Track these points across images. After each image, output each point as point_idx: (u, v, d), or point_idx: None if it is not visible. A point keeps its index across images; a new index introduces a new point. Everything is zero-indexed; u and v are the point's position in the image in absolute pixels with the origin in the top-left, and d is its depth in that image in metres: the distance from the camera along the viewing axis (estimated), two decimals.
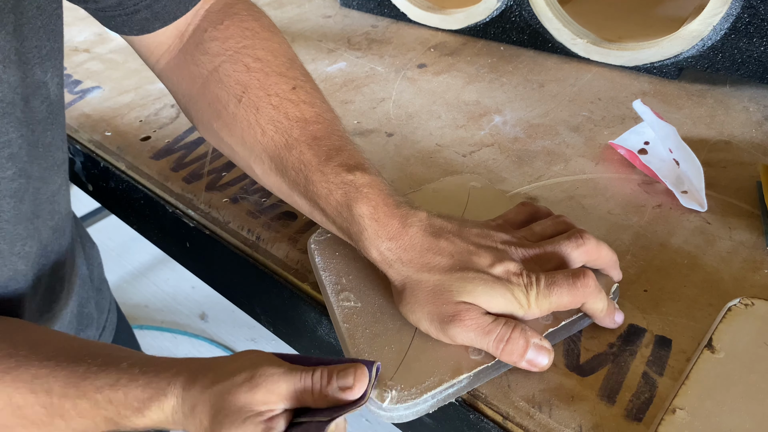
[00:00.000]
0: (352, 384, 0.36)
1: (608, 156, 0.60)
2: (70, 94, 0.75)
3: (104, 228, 2.04)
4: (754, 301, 0.43)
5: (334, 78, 0.75)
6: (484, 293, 0.40)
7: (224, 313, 1.76)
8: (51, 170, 0.47)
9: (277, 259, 0.53)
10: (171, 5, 0.49)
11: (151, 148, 0.65)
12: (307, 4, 0.94)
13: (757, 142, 0.60)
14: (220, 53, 0.49)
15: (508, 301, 0.40)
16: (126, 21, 0.49)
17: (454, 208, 0.52)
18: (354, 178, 0.43)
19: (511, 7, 0.76)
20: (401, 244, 0.42)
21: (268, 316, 0.58)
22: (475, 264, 0.41)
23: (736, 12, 0.62)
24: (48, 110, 0.45)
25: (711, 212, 0.53)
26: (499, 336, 0.40)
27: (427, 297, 0.41)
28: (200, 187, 0.59)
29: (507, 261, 0.41)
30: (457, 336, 0.40)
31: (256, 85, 0.47)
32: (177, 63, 0.51)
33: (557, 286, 0.41)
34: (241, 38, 0.49)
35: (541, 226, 0.46)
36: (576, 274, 0.41)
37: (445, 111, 0.68)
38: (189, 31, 0.51)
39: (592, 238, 0.44)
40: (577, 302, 0.41)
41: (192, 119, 0.53)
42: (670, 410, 0.37)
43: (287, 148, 0.46)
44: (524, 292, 0.40)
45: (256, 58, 0.48)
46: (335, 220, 0.45)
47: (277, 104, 0.47)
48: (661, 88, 0.70)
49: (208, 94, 0.49)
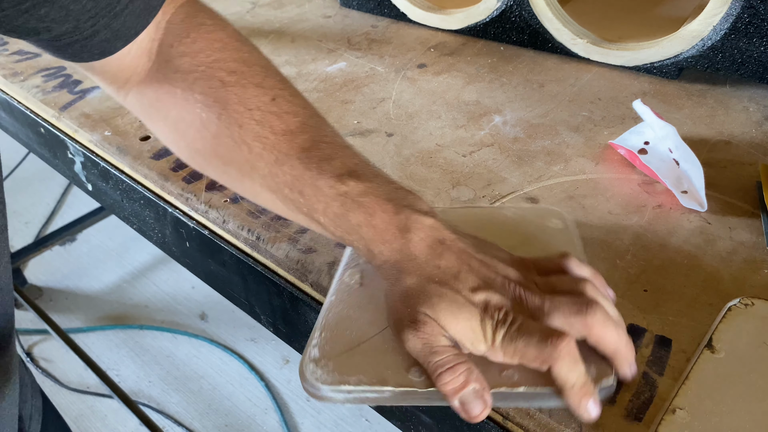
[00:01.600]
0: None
1: (608, 156, 0.60)
2: (70, 94, 0.75)
3: (104, 228, 2.04)
4: (754, 301, 0.43)
5: (334, 78, 0.75)
6: (448, 312, 0.38)
7: (224, 313, 1.76)
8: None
9: (277, 259, 0.53)
10: (130, 20, 0.44)
11: (151, 148, 0.65)
12: (307, 4, 0.94)
13: (757, 142, 0.60)
14: (191, 70, 0.46)
15: (472, 329, 0.38)
16: (85, 45, 0.44)
17: (511, 241, 0.48)
18: (348, 188, 0.42)
19: (511, 7, 0.76)
20: (393, 247, 0.41)
21: (268, 316, 0.58)
22: (455, 283, 0.39)
23: (736, 12, 0.62)
24: None
25: (711, 212, 0.53)
26: (442, 361, 0.37)
27: (398, 296, 0.40)
28: (200, 187, 0.59)
29: (493, 292, 0.39)
30: (407, 341, 0.39)
31: (234, 100, 0.45)
32: (147, 84, 0.48)
33: (527, 334, 0.37)
34: (211, 51, 0.46)
35: (558, 280, 0.41)
36: (551, 332, 0.37)
37: (445, 111, 0.68)
38: (155, 48, 0.48)
39: (604, 314, 0.38)
40: (542, 361, 0.37)
41: (171, 144, 0.50)
42: (670, 410, 0.37)
43: (277, 164, 0.44)
44: (493, 327, 0.38)
45: (230, 71, 0.46)
46: (334, 232, 0.44)
47: (260, 119, 0.45)
48: (661, 88, 0.70)
49: (185, 114, 0.47)
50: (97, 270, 1.92)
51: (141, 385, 1.60)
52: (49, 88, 0.76)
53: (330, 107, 0.70)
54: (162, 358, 1.67)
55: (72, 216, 2.01)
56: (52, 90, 0.76)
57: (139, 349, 1.69)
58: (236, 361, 1.65)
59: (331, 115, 0.69)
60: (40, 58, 0.83)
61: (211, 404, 1.55)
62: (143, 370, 1.64)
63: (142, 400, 1.56)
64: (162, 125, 0.50)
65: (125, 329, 1.74)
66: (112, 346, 1.70)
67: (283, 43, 0.84)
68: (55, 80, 0.78)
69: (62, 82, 0.78)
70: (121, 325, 1.75)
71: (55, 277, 1.90)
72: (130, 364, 1.66)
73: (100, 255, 1.98)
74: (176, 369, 1.64)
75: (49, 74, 0.79)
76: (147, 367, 1.65)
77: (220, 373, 1.63)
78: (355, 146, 0.49)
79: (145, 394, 1.58)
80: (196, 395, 1.58)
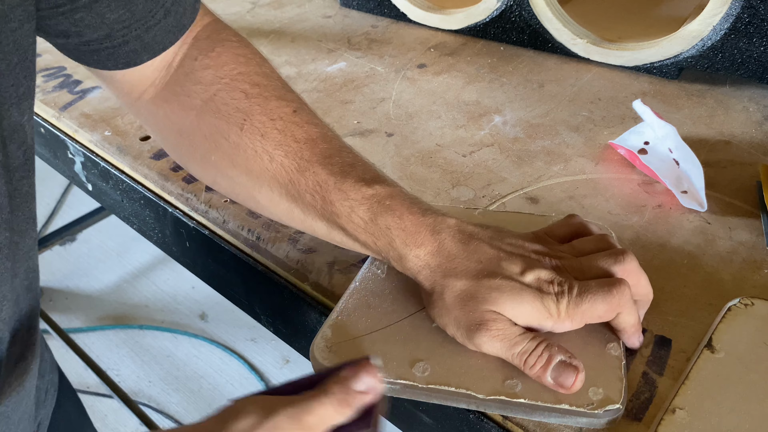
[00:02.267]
0: (370, 385, 0.34)
1: (608, 156, 0.60)
2: (70, 94, 0.75)
3: (104, 228, 2.04)
4: (754, 301, 0.43)
5: (334, 78, 0.75)
6: (512, 301, 0.39)
7: (224, 313, 1.76)
8: (27, 223, 0.43)
9: (277, 259, 0.53)
10: (161, 34, 0.46)
11: (151, 148, 0.65)
12: (307, 4, 0.94)
13: (757, 142, 0.60)
14: (214, 82, 0.47)
15: (537, 310, 0.39)
16: (111, 54, 0.45)
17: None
18: (374, 191, 0.42)
19: (511, 7, 0.76)
20: (429, 250, 0.41)
21: (268, 316, 0.58)
22: (504, 270, 0.40)
23: (736, 12, 0.62)
24: (24, 156, 0.41)
25: (711, 212, 0.53)
26: (524, 349, 0.38)
27: (454, 302, 0.40)
28: (200, 187, 0.59)
29: (538, 269, 0.40)
30: (483, 345, 0.39)
31: (257, 110, 0.46)
32: (164, 96, 0.49)
33: (591, 293, 0.39)
34: (236, 65, 0.47)
35: (581, 243, 0.44)
36: (612, 282, 0.39)
37: (445, 111, 0.68)
38: (176, 61, 0.48)
39: (636, 260, 0.41)
40: (611, 312, 0.39)
41: (182, 156, 0.51)
42: (670, 410, 0.37)
43: (300, 171, 0.45)
44: (555, 300, 0.39)
45: (253, 83, 0.47)
46: (358, 238, 0.44)
47: (282, 128, 0.45)
48: (661, 88, 0.70)
49: (204, 125, 0.47)
50: (97, 270, 1.92)
51: (141, 385, 1.60)
52: (49, 88, 0.76)
53: (330, 107, 0.70)
54: (162, 358, 1.67)
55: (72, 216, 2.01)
56: (52, 90, 0.76)
57: (139, 349, 1.69)
58: (236, 361, 1.65)
59: (331, 115, 0.69)
60: (40, 58, 0.83)
61: (211, 404, 1.55)
62: (143, 370, 1.64)
63: (142, 400, 1.56)
64: (175, 137, 0.50)
65: (125, 329, 1.74)
66: (112, 346, 1.70)
67: (283, 43, 0.84)
68: (55, 80, 0.78)
69: (62, 82, 0.78)
70: (121, 325, 1.75)
71: (55, 277, 1.90)
72: (130, 364, 1.66)
73: (100, 255, 1.98)
74: (176, 369, 1.64)
75: (49, 74, 0.80)
76: (147, 367, 1.65)
77: (220, 373, 1.63)
78: (355, 146, 0.49)
79: (145, 394, 1.58)
80: (196, 395, 1.58)
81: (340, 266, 0.50)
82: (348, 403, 0.34)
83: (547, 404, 0.38)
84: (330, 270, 0.50)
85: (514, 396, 0.38)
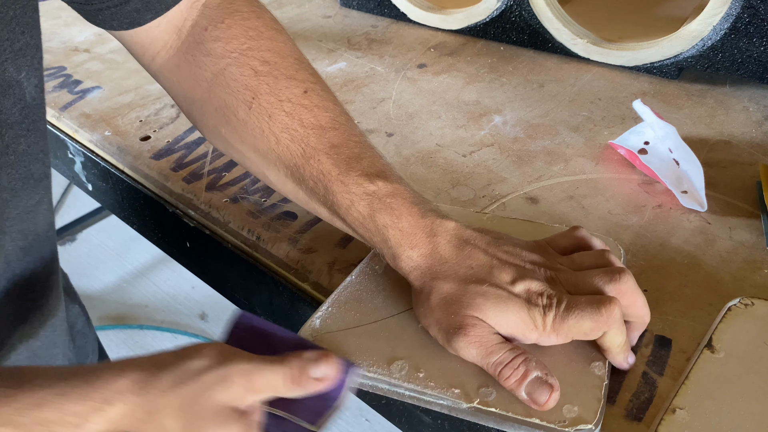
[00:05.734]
0: (326, 375, 0.35)
1: (608, 156, 0.60)
2: (70, 94, 0.75)
3: (104, 228, 2.04)
4: (754, 301, 0.43)
5: (334, 78, 0.75)
6: (495, 309, 0.38)
7: (224, 313, 1.76)
8: (25, 183, 0.42)
9: (277, 259, 0.53)
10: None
11: (151, 148, 0.65)
12: (307, 4, 0.94)
13: (757, 142, 0.60)
14: (224, 55, 0.46)
15: (522, 321, 0.38)
16: (115, 14, 0.45)
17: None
18: (376, 188, 0.42)
19: (511, 7, 0.76)
20: (422, 252, 0.41)
21: (268, 316, 0.58)
22: (494, 278, 0.40)
23: (736, 12, 0.62)
24: (21, 114, 0.40)
25: (711, 212, 0.53)
26: (500, 359, 0.38)
27: (438, 304, 0.40)
28: (200, 187, 0.59)
29: (530, 279, 0.39)
30: (460, 349, 0.39)
31: (266, 90, 0.45)
32: (177, 63, 0.49)
33: (578, 309, 0.38)
34: (246, 39, 0.47)
35: (581, 257, 0.43)
36: (602, 300, 0.38)
37: (445, 111, 0.68)
38: (186, 26, 0.48)
39: (632, 280, 0.40)
40: (598, 330, 0.38)
41: (195, 122, 0.51)
42: (670, 410, 0.37)
43: (304, 157, 0.44)
44: (542, 313, 0.38)
45: (263, 60, 0.46)
46: (357, 230, 0.44)
47: (290, 111, 0.45)
48: (661, 88, 0.70)
49: (214, 98, 0.47)
50: (97, 270, 1.92)
51: None
52: (49, 88, 0.76)
53: None
54: None
55: (72, 216, 2.01)
56: (52, 90, 0.76)
57: (139, 349, 1.69)
58: None
59: None
60: None
61: None
62: None
63: None
64: (188, 105, 0.50)
65: (125, 329, 1.74)
66: (112, 346, 1.70)
67: None
68: (55, 80, 0.78)
69: (62, 82, 0.78)
70: (121, 325, 1.75)
71: None
72: None
73: (100, 255, 1.98)
74: None
75: (49, 74, 0.80)
76: None
77: None
78: None
79: None
80: None
81: (340, 266, 0.50)
82: (299, 382, 0.35)
83: (518, 416, 0.37)
84: (330, 270, 0.50)
85: (485, 404, 0.38)
